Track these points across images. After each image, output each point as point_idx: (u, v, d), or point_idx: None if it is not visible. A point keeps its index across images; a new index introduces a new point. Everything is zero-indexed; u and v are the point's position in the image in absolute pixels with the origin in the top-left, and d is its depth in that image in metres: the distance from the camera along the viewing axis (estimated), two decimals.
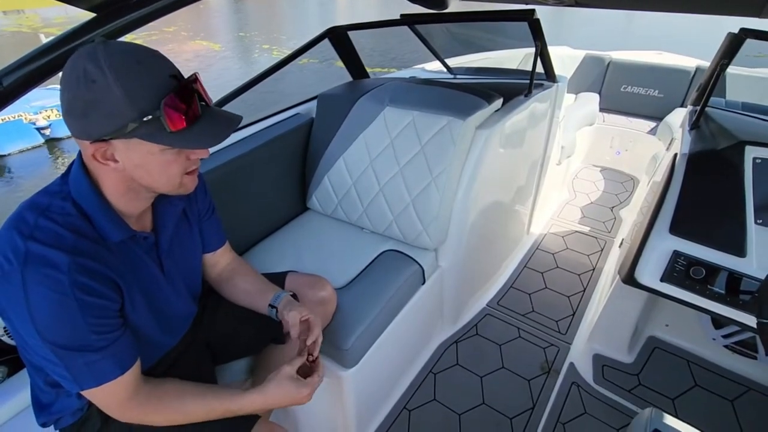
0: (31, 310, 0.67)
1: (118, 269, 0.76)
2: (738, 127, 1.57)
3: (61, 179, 0.76)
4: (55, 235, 0.70)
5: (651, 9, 1.38)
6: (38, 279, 0.67)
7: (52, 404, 0.86)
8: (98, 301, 0.72)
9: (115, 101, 0.65)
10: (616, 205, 2.84)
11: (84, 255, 0.71)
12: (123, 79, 0.65)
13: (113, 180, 0.75)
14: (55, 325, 0.69)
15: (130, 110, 0.66)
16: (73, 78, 0.65)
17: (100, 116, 0.66)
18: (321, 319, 1.19)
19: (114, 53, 0.66)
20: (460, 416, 1.54)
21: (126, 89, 0.65)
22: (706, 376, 1.63)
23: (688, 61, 3.18)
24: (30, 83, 0.87)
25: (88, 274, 0.71)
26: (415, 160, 1.50)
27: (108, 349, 0.74)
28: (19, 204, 0.74)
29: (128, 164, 0.72)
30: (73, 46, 0.86)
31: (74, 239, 0.71)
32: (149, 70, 0.68)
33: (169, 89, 0.69)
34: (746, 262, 1.16)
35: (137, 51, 0.69)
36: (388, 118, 1.56)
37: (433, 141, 1.47)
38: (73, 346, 0.70)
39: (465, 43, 3.12)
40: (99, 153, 0.70)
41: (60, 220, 0.71)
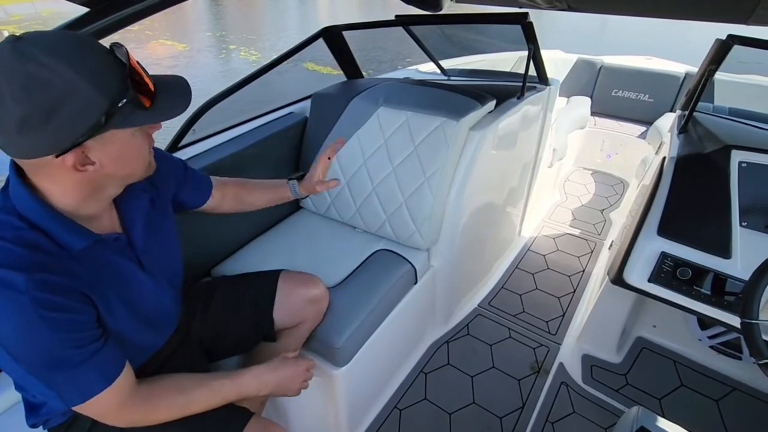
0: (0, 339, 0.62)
1: (84, 279, 0.70)
2: (725, 132, 1.60)
3: (1, 195, 0.68)
4: (5, 253, 0.62)
5: (641, 15, 1.40)
6: (2, 305, 0.61)
7: (42, 407, 0.84)
8: (66, 315, 0.66)
9: (81, 96, 0.58)
10: (606, 207, 2.87)
11: (42, 269, 0.64)
12: (80, 69, 0.57)
13: (77, 185, 0.67)
14: (26, 347, 0.63)
15: (101, 99, 0.59)
16: (14, 92, 0.55)
17: (65, 120, 0.58)
18: (312, 318, 1.20)
19: (48, 45, 0.57)
20: (450, 416, 1.54)
21: (89, 78, 0.58)
22: (692, 376, 1.65)
23: (678, 67, 3.23)
24: None
25: (50, 289, 0.64)
26: (408, 160, 1.50)
27: (88, 362, 0.69)
28: None
29: (106, 161, 0.65)
30: None
31: (28, 254, 0.64)
32: (93, 50, 0.60)
33: (122, 66, 0.62)
34: (731, 264, 1.19)
35: (64, 36, 0.60)
36: (382, 118, 1.56)
37: (427, 141, 1.48)
38: (50, 364, 0.66)
39: (459, 45, 3.14)
40: (76, 162, 0.62)
41: (9, 236, 0.64)
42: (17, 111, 0.56)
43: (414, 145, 1.50)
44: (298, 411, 1.36)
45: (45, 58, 0.56)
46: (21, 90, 0.55)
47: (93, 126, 0.60)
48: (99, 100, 0.59)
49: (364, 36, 1.96)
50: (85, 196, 0.70)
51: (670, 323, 1.74)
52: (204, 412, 0.85)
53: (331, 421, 1.39)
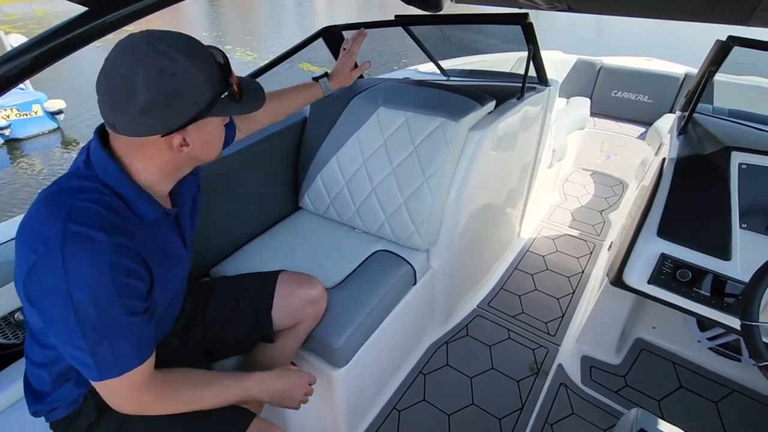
0: (70, 292, 0.66)
1: (148, 249, 0.76)
2: (724, 133, 1.59)
3: (83, 165, 0.75)
4: (92, 213, 0.70)
5: (641, 16, 1.40)
6: (79, 258, 0.67)
7: (49, 394, 0.86)
8: (133, 282, 0.73)
9: (197, 87, 0.68)
10: (606, 208, 2.87)
11: (121, 234, 0.71)
12: (199, 64, 0.68)
13: (167, 163, 0.76)
14: (93, 306, 0.68)
15: (209, 91, 0.70)
16: (148, 79, 0.65)
17: (181, 107, 0.68)
18: (311, 319, 1.19)
19: (175, 43, 0.68)
20: (449, 417, 1.54)
21: (204, 73, 0.69)
22: (692, 377, 1.65)
23: (677, 68, 3.23)
24: (19, 77, 0.85)
25: (126, 254, 0.71)
26: (408, 160, 1.50)
27: (136, 335, 0.74)
28: (40, 192, 0.75)
29: (197, 144, 0.74)
30: (65, 40, 0.85)
31: (111, 217, 0.71)
32: (204, 51, 0.72)
33: (222, 66, 0.73)
34: (731, 266, 1.19)
35: (184, 36, 0.71)
36: (382, 119, 1.56)
37: (426, 142, 1.48)
38: (106, 328, 0.70)
39: (458, 46, 3.13)
40: (176, 142, 0.72)
41: (94, 199, 0.71)
42: (147, 96, 0.65)
43: (413, 146, 1.49)
44: (296, 412, 1.35)
45: (174, 54, 0.66)
46: (154, 79, 0.65)
47: (199, 112, 0.70)
48: (208, 91, 0.70)
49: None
50: (167, 173, 0.79)
51: (670, 325, 1.74)
52: (207, 412, 0.86)
53: (330, 422, 1.39)
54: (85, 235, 0.67)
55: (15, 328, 1.20)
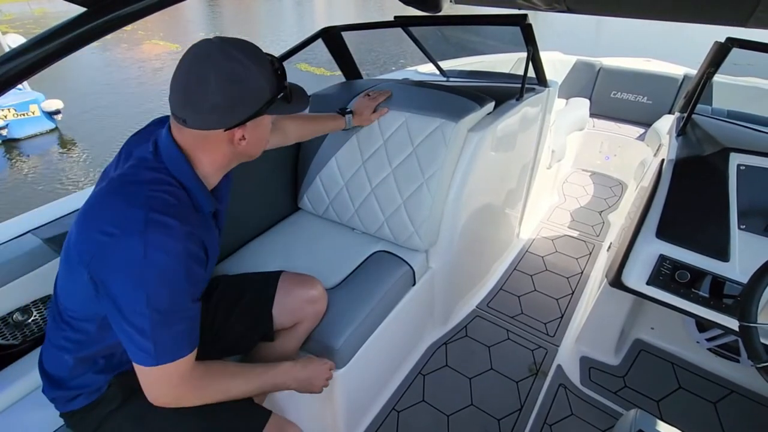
0: (145, 274, 0.70)
1: (204, 236, 0.81)
2: (723, 135, 1.60)
3: (152, 156, 0.80)
4: (167, 203, 0.75)
5: (640, 17, 1.40)
6: (160, 243, 0.71)
7: (69, 381, 0.86)
8: (199, 269, 0.78)
9: (260, 90, 0.76)
10: (605, 209, 2.88)
11: (190, 223, 0.77)
12: (261, 69, 0.76)
13: (225, 156, 0.83)
14: (163, 289, 0.72)
15: (268, 93, 0.78)
16: (220, 81, 0.72)
17: (246, 106, 0.76)
18: (310, 319, 1.20)
19: (244, 48, 0.75)
20: (448, 417, 1.54)
21: (266, 77, 0.76)
22: (690, 378, 1.65)
23: (676, 69, 3.23)
24: (19, 77, 0.85)
25: (195, 241, 0.77)
26: (407, 161, 1.50)
27: (192, 321, 0.79)
28: (109, 181, 0.79)
29: (252, 139, 0.81)
30: (64, 40, 0.85)
31: (181, 208, 0.77)
32: (264, 57, 0.78)
33: (277, 70, 0.79)
34: (729, 267, 1.19)
35: (248, 43, 0.78)
36: (381, 119, 1.56)
37: (426, 143, 1.48)
38: (172, 312, 0.74)
39: (457, 47, 3.14)
40: (236, 137, 0.79)
41: (167, 191, 0.77)
42: (217, 96, 0.73)
43: (413, 147, 1.50)
44: (295, 413, 1.35)
45: (243, 58, 0.73)
46: (225, 82, 0.72)
47: (259, 110, 0.78)
48: (267, 92, 0.78)
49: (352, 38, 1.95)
50: (223, 166, 0.85)
51: (669, 325, 1.74)
52: (225, 410, 0.89)
53: (329, 422, 1.39)
54: (164, 223, 0.72)
55: (14, 328, 1.20)
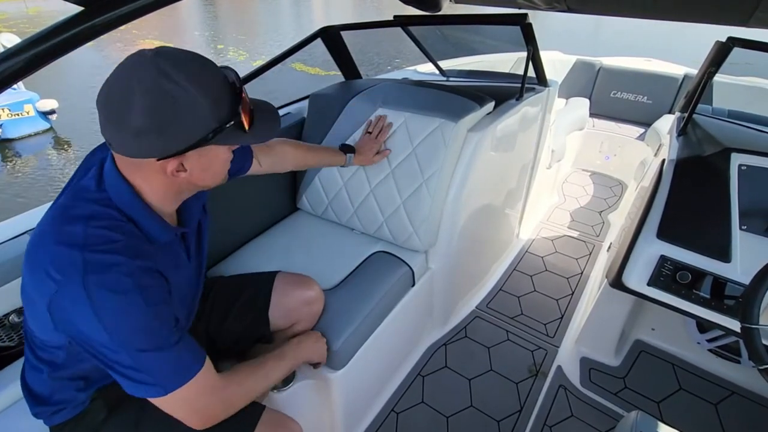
0: (101, 319, 0.65)
1: (162, 264, 0.76)
2: (724, 134, 1.59)
3: (95, 186, 0.73)
4: (109, 240, 0.68)
5: (641, 16, 1.40)
6: (103, 285, 0.65)
7: (53, 395, 0.84)
8: (162, 296, 0.72)
9: (200, 114, 0.65)
10: (605, 209, 2.87)
11: (140, 256, 0.70)
12: (206, 88, 0.65)
13: (164, 186, 0.73)
14: (130, 329, 0.67)
15: (212, 120, 0.66)
16: (146, 101, 0.61)
17: (180, 131, 0.65)
18: (307, 320, 1.19)
19: (181, 63, 0.64)
20: (448, 419, 1.54)
21: (210, 98, 0.65)
22: (691, 379, 1.65)
23: (676, 69, 3.23)
24: (14, 77, 0.84)
25: (148, 273, 0.71)
26: (406, 161, 1.49)
27: (182, 341, 0.73)
28: (43, 219, 0.73)
29: (195, 170, 0.71)
30: (60, 40, 0.84)
31: (127, 242, 0.70)
32: (214, 73, 0.68)
33: (234, 90, 0.69)
34: (731, 268, 1.18)
35: (194, 56, 0.67)
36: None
37: (425, 143, 1.47)
38: (152, 346, 0.69)
39: (457, 46, 3.13)
40: (171, 167, 0.68)
41: (109, 226, 0.70)
42: (142, 120, 0.62)
43: (412, 147, 1.49)
44: (293, 414, 1.34)
45: (179, 76, 0.62)
46: (152, 103, 0.62)
47: (200, 140, 0.66)
48: (212, 119, 0.66)
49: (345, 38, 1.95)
50: (168, 196, 0.76)
51: (669, 326, 1.74)
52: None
53: (327, 425, 1.38)
54: (106, 262, 0.66)
55: (10, 330, 1.19)
